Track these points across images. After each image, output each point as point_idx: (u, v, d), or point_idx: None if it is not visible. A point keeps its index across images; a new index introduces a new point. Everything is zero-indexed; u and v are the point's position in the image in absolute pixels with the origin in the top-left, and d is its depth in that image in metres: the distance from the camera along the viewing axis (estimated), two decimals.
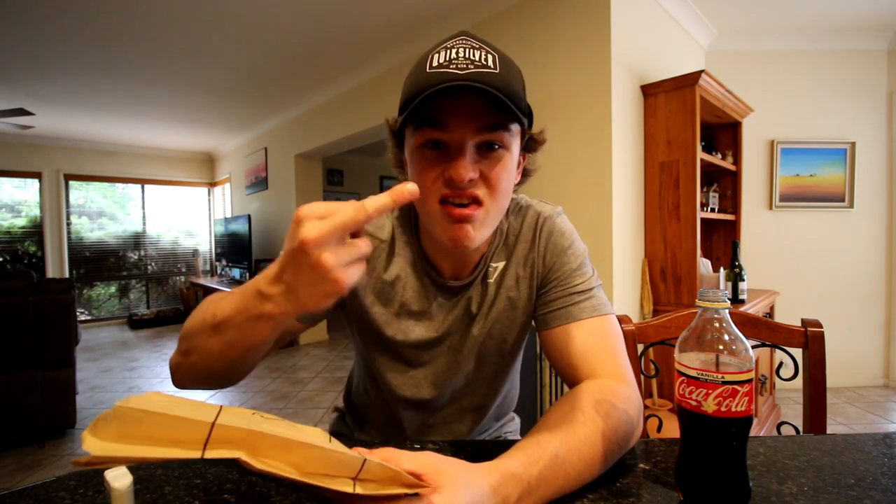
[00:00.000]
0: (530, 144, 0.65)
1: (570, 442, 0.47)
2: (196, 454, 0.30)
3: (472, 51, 0.54)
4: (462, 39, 0.56)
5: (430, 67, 0.54)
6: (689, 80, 2.11)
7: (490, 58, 0.54)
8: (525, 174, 0.68)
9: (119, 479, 0.40)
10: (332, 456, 0.33)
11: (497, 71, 0.54)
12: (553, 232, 0.69)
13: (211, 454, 0.30)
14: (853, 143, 3.04)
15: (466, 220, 0.56)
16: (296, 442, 0.32)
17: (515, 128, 0.58)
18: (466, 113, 0.54)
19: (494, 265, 0.70)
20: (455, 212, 0.56)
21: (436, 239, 0.62)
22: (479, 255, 0.69)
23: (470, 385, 0.75)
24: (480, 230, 0.58)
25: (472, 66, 0.53)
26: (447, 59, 0.54)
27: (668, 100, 2.20)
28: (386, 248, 0.70)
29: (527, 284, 0.70)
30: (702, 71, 2.08)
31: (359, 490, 0.33)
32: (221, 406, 0.34)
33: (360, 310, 0.70)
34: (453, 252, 0.65)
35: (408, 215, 0.71)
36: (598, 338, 0.62)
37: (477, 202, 0.57)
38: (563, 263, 0.67)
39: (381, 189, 6.65)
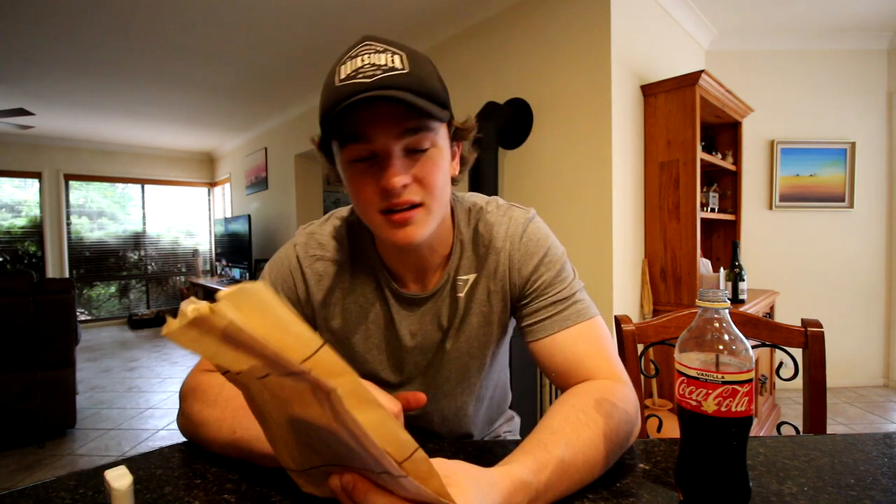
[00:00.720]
0: (459, 133, 0.64)
1: (575, 445, 0.47)
2: (297, 362, 0.29)
3: (377, 55, 0.53)
4: (366, 45, 0.55)
5: (339, 80, 0.53)
6: (689, 80, 2.11)
7: (397, 58, 0.53)
8: (463, 163, 0.67)
9: (119, 479, 0.40)
10: (396, 431, 0.32)
11: (406, 70, 0.53)
12: (527, 241, 0.66)
13: (312, 368, 0.29)
14: (853, 143, 3.04)
15: (408, 222, 0.56)
16: (376, 402, 0.31)
17: (438, 123, 0.57)
18: (385, 121, 0.53)
19: (464, 278, 0.68)
20: (395, 217, 0.56)
21: (385, 242, 0.62)
22: (443, 263, 0.68)
23: (455, 403, 0.74)
24: (424, 227, 0.58)
25: (379, 72, 0.52)
26: (353, 69, 0.52)
27: (668, 100, 2.20)
28: (347, 267, 0.69)
29: (499, 298, 0.68)
30: (702, 71, 2.08)
31: (405, 467, 0.32)
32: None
33: (330, 337, 0.71)
34: (409, 254, 0.65)
35: (365, 228, 0.69)
36: (588, 343, 0.62)
37: (415, 205, 0.57)
38: (541, 273, 0.65)
39: None
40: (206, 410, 0.57)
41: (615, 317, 0.91)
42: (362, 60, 0.53)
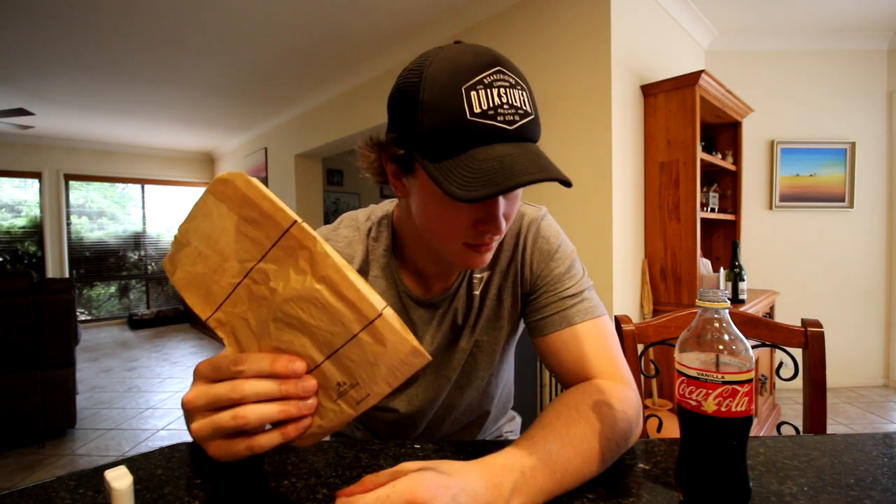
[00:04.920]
0: None
1: (564, 438, 0.47)
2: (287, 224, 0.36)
3: (511, 91, 0.49)
4: (499, 72, 0.49)
5: (472, 113, 0.47)
6: (689, 80, 2.11)
7: (525, 96, 0.50)
8: None
9: (119, 479, 0.40)
10: (367, 288, 0.37)
11: (533, 115, 0.51)
12: (538, 237, 0.67)
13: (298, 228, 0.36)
14: (853, 143, 3.04)
15: (487, 250, 0.58)
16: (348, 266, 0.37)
17: None
18: None
19: (479, 275, 0.69)
20: (481, 249, 0.57)
21: (448, 262, 0.62)
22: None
23: (465, 398, 0.75)
24: (493, 251, 0.60)
25: (517, 118, 0.49)
26: (491, 104, 0.48)
27: (668, 100, 2.20)
28: (362, 275, 0.69)
29: (510, 293, 0.69)
30: (702, 71, 2.08)
31: (385, 314, 0.36)
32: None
33: None
34: (441, 272, 0.67)
35: (386, 237, 0.69)
36: (594, 341, 0.62)
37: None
38: (552, 269, 0.66)
39: (380, 191, 6.36)
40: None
41: (615, 317, 0.91)
42: (499, 96, 0.48)
